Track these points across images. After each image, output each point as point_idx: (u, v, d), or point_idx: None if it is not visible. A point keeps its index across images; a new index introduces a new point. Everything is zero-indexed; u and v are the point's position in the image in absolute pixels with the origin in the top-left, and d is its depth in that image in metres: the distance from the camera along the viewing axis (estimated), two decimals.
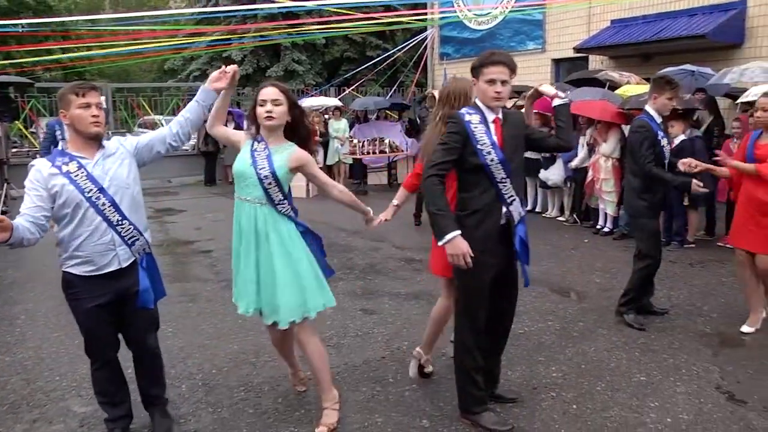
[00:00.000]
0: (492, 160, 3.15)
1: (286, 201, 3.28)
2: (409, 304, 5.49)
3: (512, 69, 3.16)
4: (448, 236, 3.03)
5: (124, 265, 3.04)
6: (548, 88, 3.49)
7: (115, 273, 3.02)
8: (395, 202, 4.03)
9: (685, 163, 4.48)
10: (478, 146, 3.14)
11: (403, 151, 12.69)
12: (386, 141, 12.37)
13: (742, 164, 4.54)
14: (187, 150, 15.66)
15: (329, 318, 5.12)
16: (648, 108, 4.74)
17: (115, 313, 3.14)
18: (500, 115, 3.25)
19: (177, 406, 3.67)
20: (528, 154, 9.70)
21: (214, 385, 3.96)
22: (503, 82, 3.13)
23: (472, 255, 3.03)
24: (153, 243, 3.33)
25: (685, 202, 7.49)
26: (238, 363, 4.28)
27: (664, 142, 4.69)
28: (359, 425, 3.44)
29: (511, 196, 3.23)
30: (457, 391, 3.46)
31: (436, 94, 13.44)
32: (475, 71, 3.21)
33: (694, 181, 4.49)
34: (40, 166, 2.89)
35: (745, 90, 8.17)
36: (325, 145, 13.49)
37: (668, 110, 4.78)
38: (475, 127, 3.16)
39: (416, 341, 4.55)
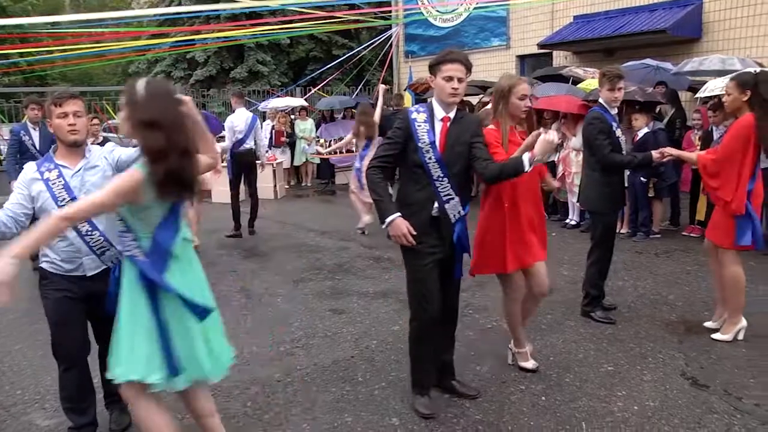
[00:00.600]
0: (430, 159, 3.28)
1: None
2: (377, 303, 5.44)
3: (468, 67, 3.34)
4: (389, 219, 3.24)
5: (89, 273, 3.06)
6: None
7: (84, 277, 3.06)
8: None
9: (658, 152, 4.50)
10: (419, 144, 3.28)
11: None
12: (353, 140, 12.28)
13: (685, 153, 4.62)
14: None
15: (298, 319, 5.08)
16: (601, 100, 4.75)
17: (87, 312, 3.14)
18: (452, 114, 3.33)
19: None
20: None
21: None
22: (459, 80, 3.24)
23: (413, 233, 3.21)
24: None
25: (650, 194, 7.58)
26: None
27: (618, 132, 4.70)
28: (329, 426, 3.39)
29: (448, 194, 3.32)
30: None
31: (404, 93, 13.45)
32: (433, 69, 3.32)
33: (653, 152, 4.52)
34: (28, 168, 3.04)
35: (704, 83, 8.29)
36: (292, 146, 13.40)
37: (615, 102, 4.71)
38: (419, 126, 3.30)
39: (385, 339, 4.54)
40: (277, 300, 5.63)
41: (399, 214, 3.24)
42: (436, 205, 3.32)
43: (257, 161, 8.59)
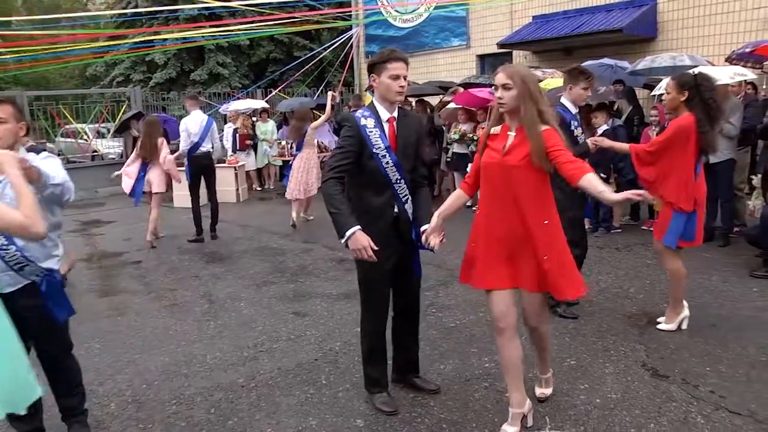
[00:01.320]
0: (387, 163, 3.27)
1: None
2: (340, 305, 5.41)
3: (408, 65, 3.31)
4: (348, 233, 3.13)
5: (8, 290, 2.85)
6: None
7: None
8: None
9: (592, 141, 4.63)
10: (374, 150, 3.25)
11: (331, 151, 12.56)
12: (315, 141, 12.21)
13: (616, 144, 4.75)
14: (114, 159, 15.07)
15: (261, 323, 5.02)
16: (563, 100, 4.73)
17: (19, 327, 2.93)
18: (395, 114, 3.34)
19: (106, 426, 3.49)
20: (456, 149, 9.91)
21: (144, 400, 3.78)
22: (405, 78, 3.25)
23: (375, 248, 3.12)
24: (79, 257, 3.14)
25: (612, 188, 7.69)
26: (169, 375, 4.11)
27: (578, 132, 4.74)
28: (293, 429, 3.36)
29: (406, 195, 3.35)
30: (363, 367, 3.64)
31: (365, 94, 13.42)
32: (377, 68, 3.26)
33: (588, 140, 4.61)
34: None
35: (661, 80, 8.46)
36: (254, 148, 13.27)
37: (584, 100, 4.80)
38: (371, 131, 3.26)
39: (348, 341, 4.51)
40: (240, 304, 5.55)
41: (358, 227, 3.13)
42: (395, 209, 3.32)
43: (217, 164, 8.46)
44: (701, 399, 3.47)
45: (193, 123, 8.09)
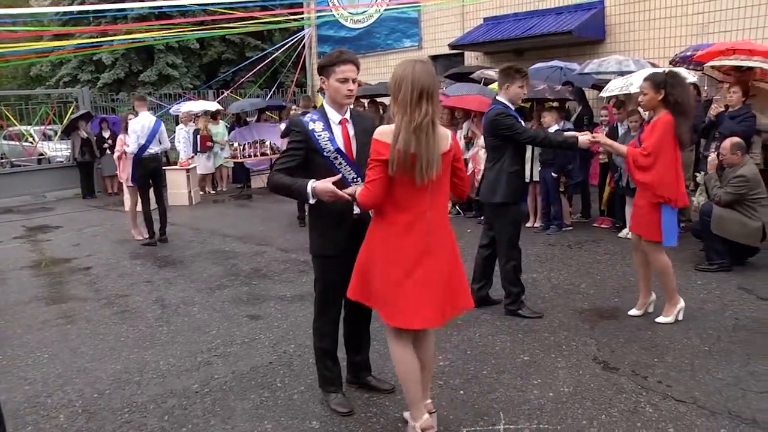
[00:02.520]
0: (341, 164, 3.25)
1: None
2: (295, 307, 5.37)
3: (359, 68, 3.29)
4: (309, 189, 3.09)
5: None
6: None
7: None
8: None
9: (589, 138, 4.62)
10: (325, 154, 3.22)
11: None
12: (267, 143, 12.15)
13: (615, 144, 4.85)
14: (61, 161, 14.64)
15: (215, 327, 4.94)
16: (500, 98, 4.76)
17: None
18: (348, 116, 3.32)
19: None
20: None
21: (95, 410, 3.67)
22: (354, 80, 3.22)
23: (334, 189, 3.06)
24: (26, 264, 3.02)
25: (561, 189, 7.84)
26: (121, 383, 4.00)
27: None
28: None
29: None
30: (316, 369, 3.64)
31: (317, 96, 13.35)
32: (326, 70, 3.22)
33: (584, 137, 4.57)
34: None
35: (608, 81, 8.67)
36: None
37: (520, 99, 4.83)
38: (319, 135, 3.22)
39: (303, 343, 4.48)
40: (194, 309, 5.45)
41: (312, 180, 3.09)
42: (356, 209, 3.26)
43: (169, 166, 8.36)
44: (650, 389, 3.57)
45: (140, 125, 7.92)
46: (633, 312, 4.77)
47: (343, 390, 3.61)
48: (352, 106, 3.40)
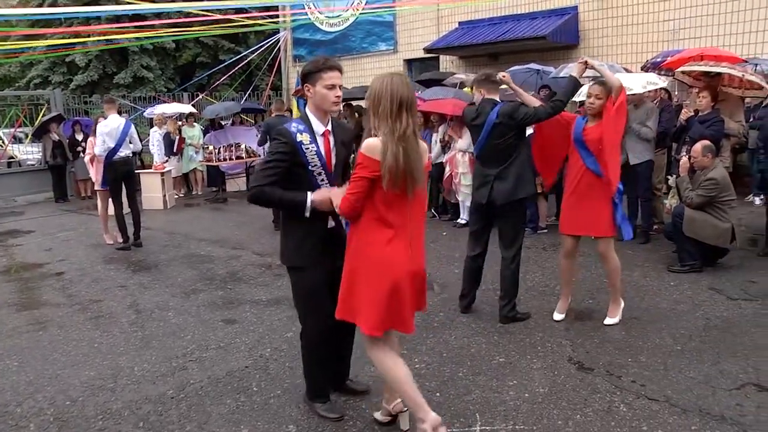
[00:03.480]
0: (323, 180, 3.21)
1: None
2: (270, 311, 5.34)
3: (342, 74, 3.25)
4: (308, 202, 3.09)
5: None
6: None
7: None
8: None
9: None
10: (310, 167, 3.16)
11: (260, 156, 12.42)
12: (242, 146, 12.08)
13: (607, 72, 4.75)
14: (33, 164, 14.38)
15: (190, 332, 4.90)
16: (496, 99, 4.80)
17: None
18: (330, 127, 3.26)
19: None
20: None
21: (68, 418, 3.60)
22: (340, 87, 3.17)
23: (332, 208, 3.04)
24: None
25: (538, 190, 7.89)
26: (94, 390, 3.94)
27: None
28: None
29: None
30: (305, 379, 3.60)
31: (291, 99, 13.29)
32: (311, 77, 3.14)
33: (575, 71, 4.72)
34: None
35: (583, 85, 8.78)
36: (180, 153, 13.00)
37: None
38: (307, 148, 3.13)
39: (279, 347, 4.47)
40: (169, 314, 5.40)
41: (309, 193, 3.09)
42: (331, 222, 3.24)
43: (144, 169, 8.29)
44: (624, 389, 3.62)
45: (110, 127, 7.79)
46: (558, 317, 4.80)
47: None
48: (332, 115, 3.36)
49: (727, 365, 3.88)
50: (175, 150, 12.45)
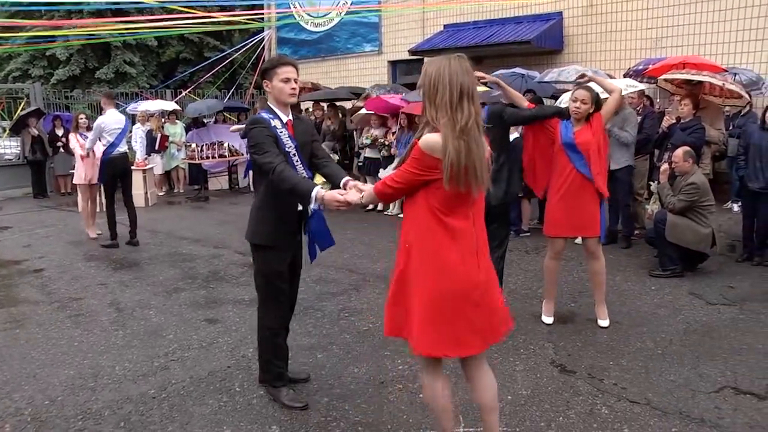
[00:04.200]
0: (297, 162, 3.40)
1: None
2: (252, 311, 5.27)
3: (298, 71, 3.47)
4: (313, 194, 3.08)
5: None
6: None
7: None
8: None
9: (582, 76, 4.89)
10: (286, 149, 3.37)
11: (243, 154, 12.35)
12: (225, 145, 12.01)
13: (606, 81, 4.97)
14: (11, 159, 14.17)
15: (172, 331, 4.86)
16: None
17: None
18: (291, 117, 3.48)
19: None
20: (368, 153, 10.00)
21: (46, 418, 3.55)
22: (295, 80, 3.42)
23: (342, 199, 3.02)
24: None
25: (520, 194, 7.94)
26: (74, 390, 3.89)
27: None
28: None
29: None
30: (259, 366, 3.75)
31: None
32: (268, 73, 3.40)
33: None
34: None
35: (566, 91, 8.86)
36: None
37: None
38: (281, 132, 3.37)
39: None
40: (150, 312, 5.35)
41: (317, 185, 3.13)
42: (299, 207, 3.44)
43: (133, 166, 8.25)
44: (605, 391, 3.66)
45: (110, 122, 7.77)
46: (548, 320, 4.83)
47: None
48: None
49: (707, 369, 3.93)
50: (157, 148, 12.33)
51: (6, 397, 3.81)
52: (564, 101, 7.91)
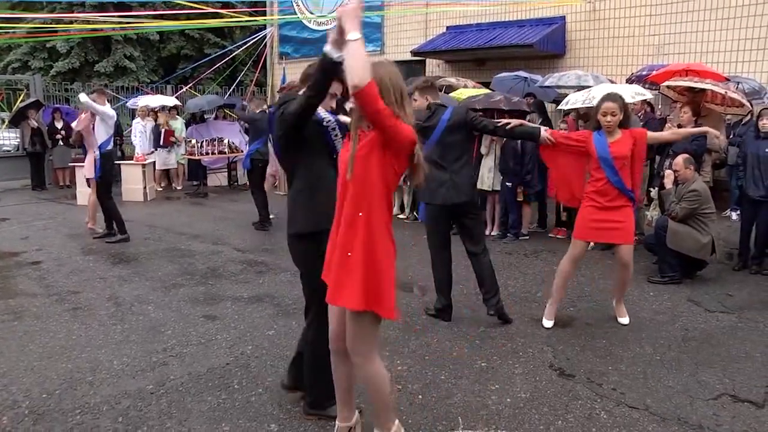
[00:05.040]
0: (336, 136, 3.25)
1: None
2: (251, 308, 5.31)
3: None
4: (328, 49, 2.90)
5: None
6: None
7: None
8: None
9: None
10: (324, 123, 3.20)
11: (242, 151, 12.33)
12: (225, 141, 11.99)
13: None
14: (9, 151, 14.13)
15: (170, 327, 4.85)
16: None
17: None
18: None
19: None
20: None
21: (44, 411, 3.53)
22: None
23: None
24: None
25: (519, 198, 7.96)
26: (72, 383, 3.87)
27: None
28: None
29: None
30: (309, 389, 3.40)
31: (276, 97, 13.19)
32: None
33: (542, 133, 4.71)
34: None
35: (566, 95, 8.87)
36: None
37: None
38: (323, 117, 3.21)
39: (260, 345, 4.45)
40: (149, 307, 5.33)
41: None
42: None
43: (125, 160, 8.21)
44: (604, 396, 3.66)
45: (111, 114, 7.87)
46: (548, 324, 4.85)
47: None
48: None
49: (705, 376, 3.94)
50: (162, 142, 12.29)
51: (3, 390, 3.79)
52: (570, 103, 7.91)
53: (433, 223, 4.98)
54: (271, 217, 8.92)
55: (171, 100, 13.69)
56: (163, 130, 12.34)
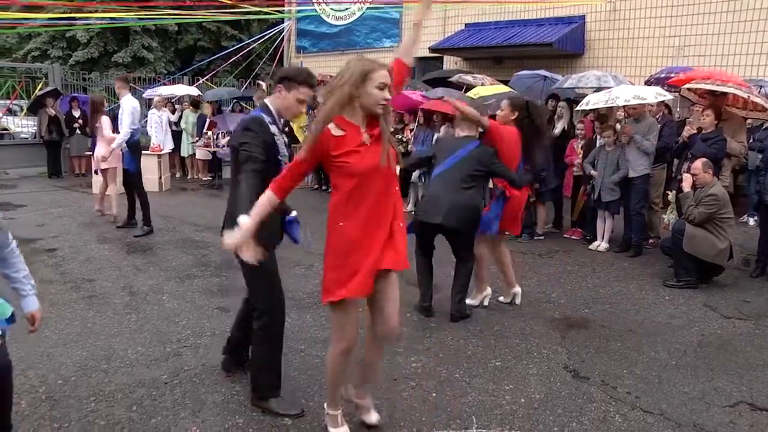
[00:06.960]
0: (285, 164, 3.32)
1: None
2: None
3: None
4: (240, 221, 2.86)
5: None
6: None
7: None
8: None
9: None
10: (279, 156, 3.31)
11: None
12: None
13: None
14: (27, 138, 14.25)
15: (185, 317, 4.87)
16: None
17: None
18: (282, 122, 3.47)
19: (15, 426, 3.23)
20: None
21: (60, 397, 3.56)
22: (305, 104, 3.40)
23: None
24: None
25: (532, 198, 7.91)
26: (87, 371, 3.90)
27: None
28: (219, 428, 3.26)
29: None
30: (252, 379, 3.53)
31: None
32: (288, 83, 3.28)
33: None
34: None
35: (585, 95, 8.80)
36: (179, 136, 12.90)
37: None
38: (278, 139, 3.29)
39: None
40: (163, 298, 5.36)
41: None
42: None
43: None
44: (619, 399, 3.64)
45: (137, 106, 7.92)
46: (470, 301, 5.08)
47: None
48: None
49: (722, 382, 3.90)
50: (206, 129, 12.27)
51: (21, 375, 3.81)
52: (590, 104, 7.82)
53: (416, 232, 5.05)
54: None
55: (193, 90, 13.72)
56: (208, 120, 12.34)
